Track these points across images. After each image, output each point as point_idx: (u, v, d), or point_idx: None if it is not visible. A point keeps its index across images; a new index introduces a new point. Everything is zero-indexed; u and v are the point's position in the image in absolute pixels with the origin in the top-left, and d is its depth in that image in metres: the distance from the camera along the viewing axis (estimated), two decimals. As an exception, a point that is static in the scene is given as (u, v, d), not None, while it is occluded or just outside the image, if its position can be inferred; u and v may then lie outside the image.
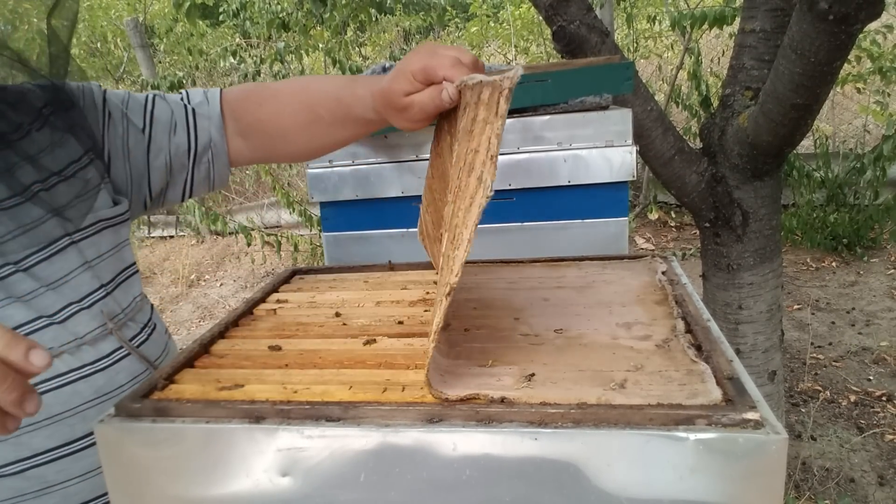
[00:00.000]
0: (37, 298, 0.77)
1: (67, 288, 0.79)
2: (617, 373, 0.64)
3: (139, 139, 0.90)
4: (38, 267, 0.77)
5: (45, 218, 0.78)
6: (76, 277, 0.80)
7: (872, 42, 3.43)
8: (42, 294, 0.77)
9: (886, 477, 2.38)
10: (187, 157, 0.93)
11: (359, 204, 1.25)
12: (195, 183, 0.96)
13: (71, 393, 0.78)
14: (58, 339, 0.77)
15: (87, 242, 0.82)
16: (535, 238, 1.22)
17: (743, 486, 0.54)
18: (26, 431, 0.75)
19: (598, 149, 1.17)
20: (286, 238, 3.92)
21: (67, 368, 0.78)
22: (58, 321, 0.78)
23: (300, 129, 0.91)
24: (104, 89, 0.90)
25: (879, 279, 4.06)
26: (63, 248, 0.80)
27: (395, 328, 0.82)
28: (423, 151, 1.20)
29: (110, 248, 0.86)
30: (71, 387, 0.78)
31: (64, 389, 0.77)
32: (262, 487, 0.62)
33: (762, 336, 2.07)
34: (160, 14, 7.63)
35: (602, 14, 3.95)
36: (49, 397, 0.76)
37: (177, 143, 0.92)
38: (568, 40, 1.79)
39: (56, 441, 0.77)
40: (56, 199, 0.80)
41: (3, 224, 0.76)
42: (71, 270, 0.80)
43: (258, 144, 0.95)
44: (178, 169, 0.94)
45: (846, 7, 1.28)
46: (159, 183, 0.93)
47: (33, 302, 0.76)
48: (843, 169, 4.33)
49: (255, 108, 0.93)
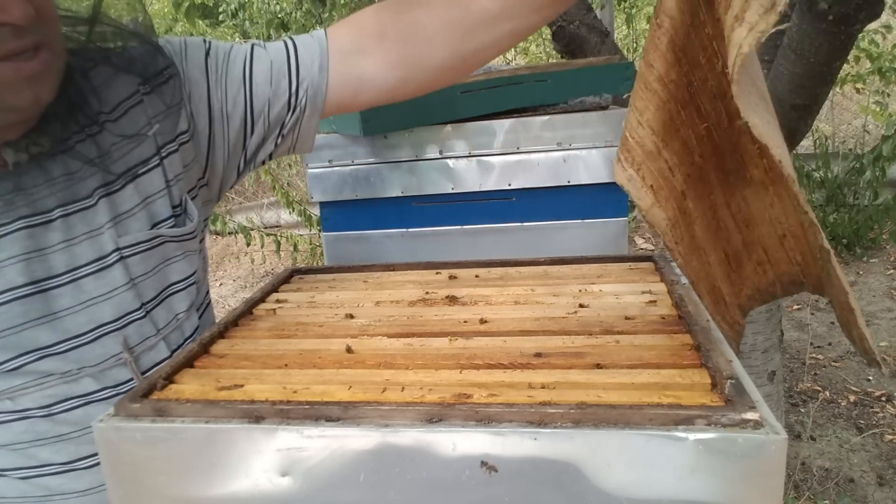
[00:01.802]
0: (71, 316, 0.75)
1: (107, 306, 0.77)
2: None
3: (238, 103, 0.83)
4: (84, 280, 0.75)
5: (106, 226, 0.75)
6: (119, 296, 0.78)
7: (871, 42, 3.43)
8: (77, 312, 0.75)
9: (886, 477, 2.38)
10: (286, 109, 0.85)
11: (359, 204, 1.25)
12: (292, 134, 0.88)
13: (82, 414, 0.77)
14: (81, 360, 0.76)
15: (137, 259, 0.79)
16: (535, 238, 1.22)
17: (742, 486, 0.54)
18: (35, 444, 0.76)
19: (597, 149, 1.17)
20: (286, 238, 3.92)
21: (84, 392, 0.77)
22: (85, 342, 0.76)
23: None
24: (208, 43, 0.83)
25: (879, 279, 4.06)
26: (111, 264, 0.77)
27: (395, 328, 0.82)
28: (423, 151, 1.20)
29: (160, 263, 0.82)
30: (83, 409, 0.78)
31: (77, 411, 0.77)
32: (261, 487, 0.62)
33: (761, 336, 2.07)
34: (160, 14, 7.63)
35: (602, 14, 3.95)
36: (63, 416, 0.77)
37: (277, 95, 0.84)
38: (568, 40, 1.79)
39: (62, 457, 0.78)
40: (119, 204, 0.76)
41: (73, 228, 0.73)
42: (114, 288, 0.77)
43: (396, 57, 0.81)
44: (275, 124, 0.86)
45: (846, 7, 1.28)
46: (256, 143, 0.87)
47: (67, 320, 0.75)
48: (842, 169, 4.34)
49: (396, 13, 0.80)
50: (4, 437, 0.76)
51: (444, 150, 1.20)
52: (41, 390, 0.75)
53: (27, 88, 0.65)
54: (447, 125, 1.18)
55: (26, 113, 0.68)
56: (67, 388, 0.76)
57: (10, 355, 0.73)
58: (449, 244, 1.24)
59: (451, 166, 1.20)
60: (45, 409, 0.76)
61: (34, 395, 0.75)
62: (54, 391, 0.76)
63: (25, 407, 0.75)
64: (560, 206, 1.21)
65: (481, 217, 1.23)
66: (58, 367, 0.75)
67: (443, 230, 1.24)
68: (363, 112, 1.10)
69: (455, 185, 1.21)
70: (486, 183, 1.20)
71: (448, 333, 0.79)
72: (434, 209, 1.23)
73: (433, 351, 0.74)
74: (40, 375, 0.74)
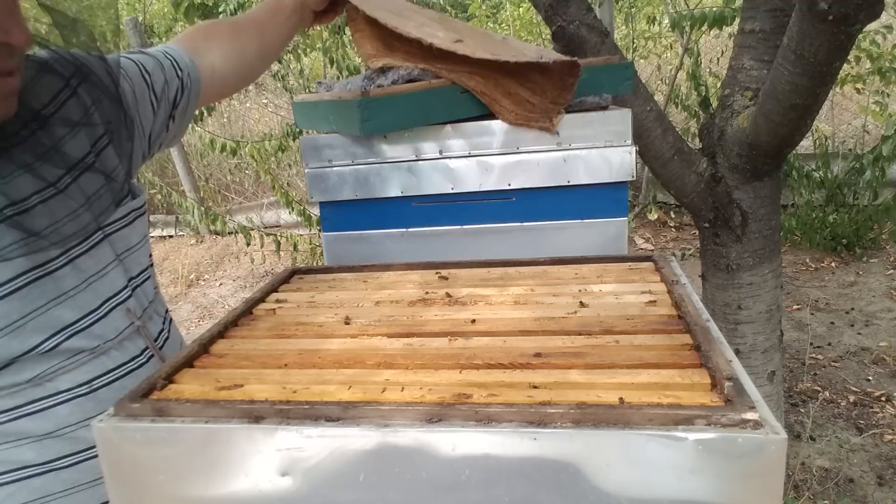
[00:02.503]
0: (80, 294, 0.79)
1: (105, 281, 0.82)
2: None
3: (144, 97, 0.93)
4: (79, 260, 0.80)
5: (81, 210, 0.80)
6: (110, 272, 0.83)
7: (872, 42, 3.43)
8: (84, 290, 0.80)
9: (885, 477, 2.38)
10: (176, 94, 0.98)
11: (358, 204, 1.25)
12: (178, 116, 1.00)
13: (119, 388, 0.82)
14: (103, 334, 0.81)
15: (118, 236, 0.85)
16: (535, 238, 1.22)
17: (742, 486, 0.54)
18: (83, 425, 0.79)
19: (597, 149, 1.17)
20: (286, 238, 3.92)
21: (115, 365, 0.83)
22: (100, 317, 0.81)
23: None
24: (125, 56, 0.94)
25: (879, 279, 4.06)
26: (98, 241, 0.82)
27: (395, 328, 0.82)
28: (423, 151, 1.20)
29: (139, 241, 0.89)
30: (119, 382, 0.83)
31: (114, 384, 0.82)
32: (261, 487, 0.62)
33: (761, 336, 2.07)
34: (160, 14, 7.62)
35: (601, 14, 3.95)
36: (102, 392, 0.81)
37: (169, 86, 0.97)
38: (567, 40, 1.79)
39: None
40: (87, 187, 0.81)
41: (69, 199, 0.78)
42: (106, 265, 0.83)
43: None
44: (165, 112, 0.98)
45: (846, 7, 1.28)
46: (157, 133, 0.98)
47: (78, 297, 0.79)
48: (842, 169, 4.33)
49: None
50: (48, 425, 0.77)
51: (444, 150, 1.20)
52: (77, 368, 0.79)
53: (3, 102, 0.71)
54: (447, 125, 1.18)
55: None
56: (99, 364, 0.81)
57: (43, 336, 0.76)
58: (449, 244, 1.24)
59: (451, 166, 1.20)
60: (87, 385, 0.80)
61: (72, 374, 0.78)
62: (88, 368, 0.80)
63: (66, 388, 0.78)
64: (560, 206, 1.21)
65: (481, 217, 1.23)
66: (86, 343, 0.80)
67: (443, 230, 1.24)
68: (363, 112, 1.10)
69: (455, 185, 1.21)
70: (486, 183, 1.20)
71: (448, 333, 0.79)
72: (434, 209, 1.23)
73: (433, 351, 0.74)
74: (72, 353, 0.78)
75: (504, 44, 1.22)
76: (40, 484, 0.78)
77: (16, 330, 0.73)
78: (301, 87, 4.02)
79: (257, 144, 3.77)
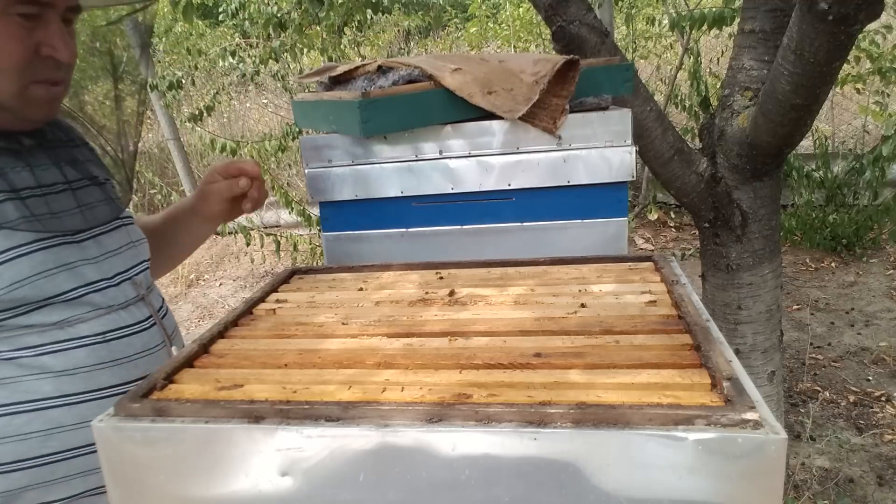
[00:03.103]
0: (100, 262, 0.97)
1: (119, 259, 1.00)
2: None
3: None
4: (102, 237, 0.99)
5: (106, 200, 1.03)
6: (124, 252, 1.02)
7: (872, 42, 3.43)
8: (103, 260, 0.97)
9: (885, 477, 2.38)
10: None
11: (358, 204, 1.25)
12: None
13: (127, 344, 0.96)
14: (116, 298, 0.97)
15: (132, 228, 1.07)
16: (535, 238, 1.22)
17: (742, 486, 0.54)
18: (97, 368, 0.92)
19: (597, 149, 1.17)
20: (286, 238, 3.92)
21: (126, 323, 0.97)
22: (114, 284, 0.97)
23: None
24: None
25: (878, 279, 4.06)
26: (116, 227, 1.03)
27: (395, 328, 0.82)
28: (423, 151, 1.20)
29: (142, 237, 1.09)
30: (128, 339, 0.96)
31: (123, 339, 0.96)
32: (261, 487, 0.62)
33: (761, 336, 2.07)
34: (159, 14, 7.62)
35: (601, 14, 3.95)
36: (115, 344, 0.94)
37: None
38: (568, 40, 1.79)
39: (116, 380, 0.93)
40: (109, 191, 1.06)
41: (90, 195, 1.01)
42: (121, 246, 1.02)
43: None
44: None
45: (846, 7, 1.27)
46: None
47: (100, 264, 0.97)
48: (842, 169, 4.33)
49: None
50: (67, 363, 0.90)
51: (444, 150, 1.20)
52: (94, 319, 0.93)
53: (45, 106, 0.92)
54: (447, 125, 1.18)
55: (37, 124, 0.95)
56: (112, 320, 0.95)
57: (72, 285, 0.92)
58: (449, 244, 1.24)
59: (451, 166, 1.20)
60: (101, 336, 0.93)
61: (89, 323, 0.92)
62: (104, 321, 0.94)
63: (84, 334, 0.92)
64: (560, 206, 1.21)
65: (481, 217, 1.23)
66: (102, 300, 0.95)
67: (442, 230, 1.24)
68: (363, 112, 1.10)
69: (455, 185, 1.21)
70: (485, 183, 1.20)
71: (448, 333, 0.79)
72: (434, 209, 1.23)
73: (433, 351, 0.74)
74: (93, 308, 0.93)
75: (501, 68, 1.22)
76: (56, 415, 0.89)
77: (50, 276, 0.89)
78: (301, 87, 4.03)
79: (257, 144, 3.77)
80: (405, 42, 7.28)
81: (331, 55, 3.47)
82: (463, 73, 1.15)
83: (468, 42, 6.91)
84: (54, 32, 0.86)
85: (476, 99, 1.14)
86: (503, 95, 1.16)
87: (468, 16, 7.12)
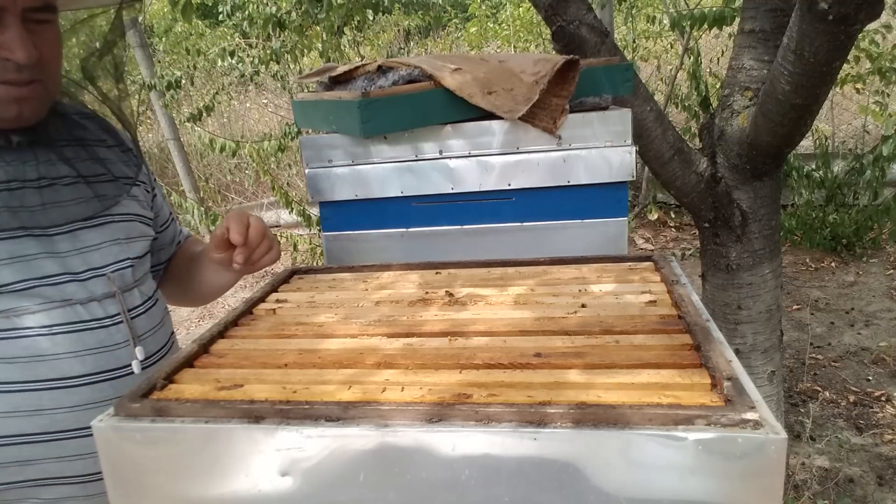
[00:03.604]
0: (70, 258, 0.96)
1: (97, 254, 0.99)
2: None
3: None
4: (81, 232, 0.98)
5: (91, 197, 1.01)
6: (106, 248, 1.01)
7: (872, 42, 3.43)
8: (74, 255, 0.97)
9: (885, 477, 2.38)
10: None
11: (358, 204, 1.25)
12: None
13: (75, 339, 0.94)
14: (76, 293, 0.95)
15: (120, 226, 1.04)
16: (535, 238, 1.22)
17: (742, 486, 0.54)
18: (35, 360, 0.92)
19: (597, 149, 1.17)
20: (285, 238, 3.91)
21: (78, 318, 0.95)
22: (80, 279, 0.96)
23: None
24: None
25: (878, 279, 4.06)
26: (103, 223, 1.02)
27: (395, 328, 0.82)
28: (423, 151, 1.20)
29: (138, 236, 1.07)
30: (77, 334, 0.95)
31: (70, 335, 0.94)
32: (261, 487, 0.62)
33: (761, 336, 2.06)
34: (159, 14, 7.62)
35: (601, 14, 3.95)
36: (59, 338, 0.93)
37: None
38: (568, 40, 1.79)
39: (55, 374, 0.93)
40: (98, 189, 1.04)
41: (74, 192, 0.99)
42: (104, 241, 1.01)
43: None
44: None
45: (846, 7, 1.27)
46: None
47: (67, 260, 0.96)
48: (842, 169, 4.33)
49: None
50: (10, 350, 0.91)
51: (444, 150, 1.20)
52: (44, 312, 0.93)
53: (13, 105, 0.91)
54: (447, 125, 1.18)
55: (11, 123, 0.93)
56: (65, 314, 0.94)
57: (20, 277, 0.92)
58: (449, 244, 1.24)
59: (451, 166, 1.20)
60: (48, 328, 0.93)
61: (38, 315, 0.93)
62: (56, 314, 0.93)
63: (29, 325, 0.92)
64: (560, 206, 1.21)
65: (481, 217, 1.23)
66: (56, 294, 0.94)
67: (442, 230, 1.24)
68: (363, 112, 1.10)
69: (455, 185, 1.21)
70: (485, 183, 1.20)
71: (448, 333, 0.79)
72: (434, 209, 1.23)
73: (433, 351, 0.74)
74: (44, 300, 0.93)
75: (501, 68, 1.22)
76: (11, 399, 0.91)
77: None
78: (301, 87, 4.03)
79: (257, 144, 3.77)
80: (405, 42, 7.28)
81: (330, 56, 3.47)
82: (463, 73, 1.15)
83: (468, 42, 6.91)
84: (11, 35, 0.86)
85: (476, 99, 1.14)
86: (503, 95, 1.16)
87: (468, 16, 7.12)
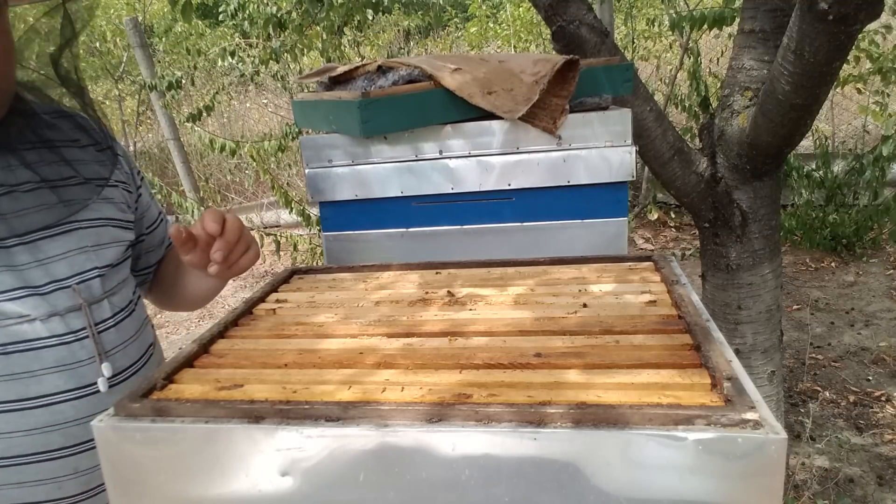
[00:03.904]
0: (29, 270, 0.89)
1: (62, 264, 0.92)
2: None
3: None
4: (42, 242, 0.91)
5: (54, 203, 0.93)
6: (73, 257, 0.93)
7: (872, 42, 3.43)
8: (34, 267, 0.90)
9: (885, 477, 2.38)
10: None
11: (358, 204, 1.25)
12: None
13: (33, 357, 0.88)
14: (37, 308, 0.89)
15: (88, 232, 0.96)
16: (535, 238, 1.22)
17: (742, 486, 0.54)
18: (2, 380, 0.86)
19: (597, 149, 1.17)
20: (285, 238, 3.91)
21: (37, 336, 0.89)
22: (40, 293, 0.89)
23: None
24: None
25: (878, 279, 4.06)
26: (67, 231, 0.94)
27: (395, 328, 0.82)
28: (423, 151, 1.20)
29: (110, 242, 0.99)
30: (35, 353, 0.89)
31: (28, 353, 0.88)
32: (261, 487, 0.62)
33: (761, 336, 2.06)
34: (159, 14, 7.63)
35: (601, 14, 3.95)
36: (16, 357, 0.87)
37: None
38: (567, 40, 1.79)
39: (12, 395, 0.87)
40: (64, 193, 0.95)
41: (35, 199, 0.91)
42: (68, 250, 0.93)
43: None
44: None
45: (846, 7, 1.27)
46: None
47: (26, 272, 0.89)
48: (842, 169, 4.33)
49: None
50: None
51: (444, 150, 1.20)
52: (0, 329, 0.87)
53: None
54: (447, 125, 1.18)
55: None
56: (19, 331, 0.88)
57: None
58: (449, 244, 1.24)
59: (451, 166, 1.20)
60: (2, 347, 0.87)
61: None
62: (8, 332, 0.87)
63: None
64: (560, 206, 1.21)
65: (481, 217, 1.23)
66: (13, 309, 0.88)
67: (442, 230, 1.24)
68: (363, 112, 1.10)
69: (455, 185, 1.21)
70: (485, 183, 1.20)
71: (448, 333, 0.79)
72: (434, 209, 1.23)
73: (433, 351, 0.74)
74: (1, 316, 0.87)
75: (501, 68, 1.22)
76: None
77: None
78: (301, 87, 4.03)
79: (257, 144, 3.76)
80: (405, 42, 7.28)
81: (330, 56, 3.47)
82: (463, 73, 1.15)
83: (468, 42, 6.91)
84: None
85: (476, 99, 1.14)
86: (503, 95, 1.16)
87: (468, 16, 7.12)
